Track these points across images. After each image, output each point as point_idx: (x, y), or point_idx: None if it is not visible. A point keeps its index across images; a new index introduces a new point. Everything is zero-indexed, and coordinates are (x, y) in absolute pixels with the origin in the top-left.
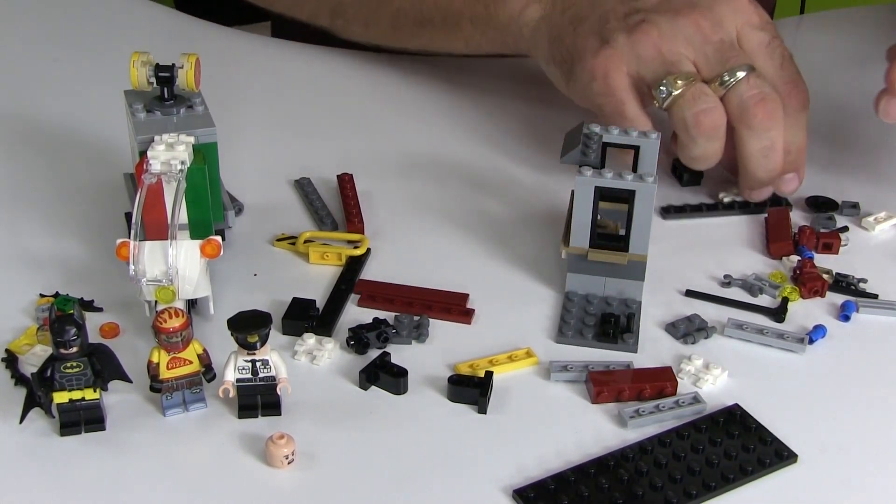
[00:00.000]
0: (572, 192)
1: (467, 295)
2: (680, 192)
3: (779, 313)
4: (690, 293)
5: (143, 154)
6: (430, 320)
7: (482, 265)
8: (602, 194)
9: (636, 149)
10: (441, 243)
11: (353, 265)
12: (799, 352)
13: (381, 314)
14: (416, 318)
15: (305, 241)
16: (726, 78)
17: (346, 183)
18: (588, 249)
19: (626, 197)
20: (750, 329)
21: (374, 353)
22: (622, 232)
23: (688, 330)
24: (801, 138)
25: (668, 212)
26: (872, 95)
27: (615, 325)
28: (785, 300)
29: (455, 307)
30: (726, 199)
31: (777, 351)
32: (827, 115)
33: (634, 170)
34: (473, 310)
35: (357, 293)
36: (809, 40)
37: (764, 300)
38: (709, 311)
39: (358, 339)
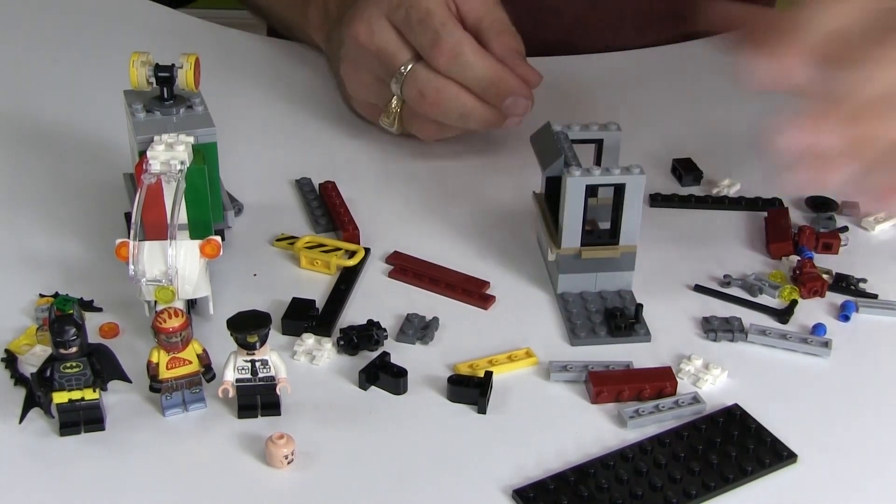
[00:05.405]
0: (535, 194)
1: (488, 283)
2: (678, 190)
3: (784, 314)
4: (699, 288)
5: (142, 154)
6: (440, 323)
7: (478, 265)
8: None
9: (599, 142)
10: (441, 244)
11: (353, 266)
12: (823, 356)
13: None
14: (426, 318)
15: (305, 246)
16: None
17: (329, 192)
18: (581, 248)
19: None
20: (773, 334)
21: (371, 354)
22: (602, 226)
23: (719, 328)
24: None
25: (656, 200)
26: None
27: (624, 318)
28: (794, 302)
29: (475, 291)
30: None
31: (777, 351)
32: None
33: (597, 163)
34: (493, 297)
35: (389, 264)
36: None
37: (763, 300)
38: (715, 310)
39: (348, 341)
